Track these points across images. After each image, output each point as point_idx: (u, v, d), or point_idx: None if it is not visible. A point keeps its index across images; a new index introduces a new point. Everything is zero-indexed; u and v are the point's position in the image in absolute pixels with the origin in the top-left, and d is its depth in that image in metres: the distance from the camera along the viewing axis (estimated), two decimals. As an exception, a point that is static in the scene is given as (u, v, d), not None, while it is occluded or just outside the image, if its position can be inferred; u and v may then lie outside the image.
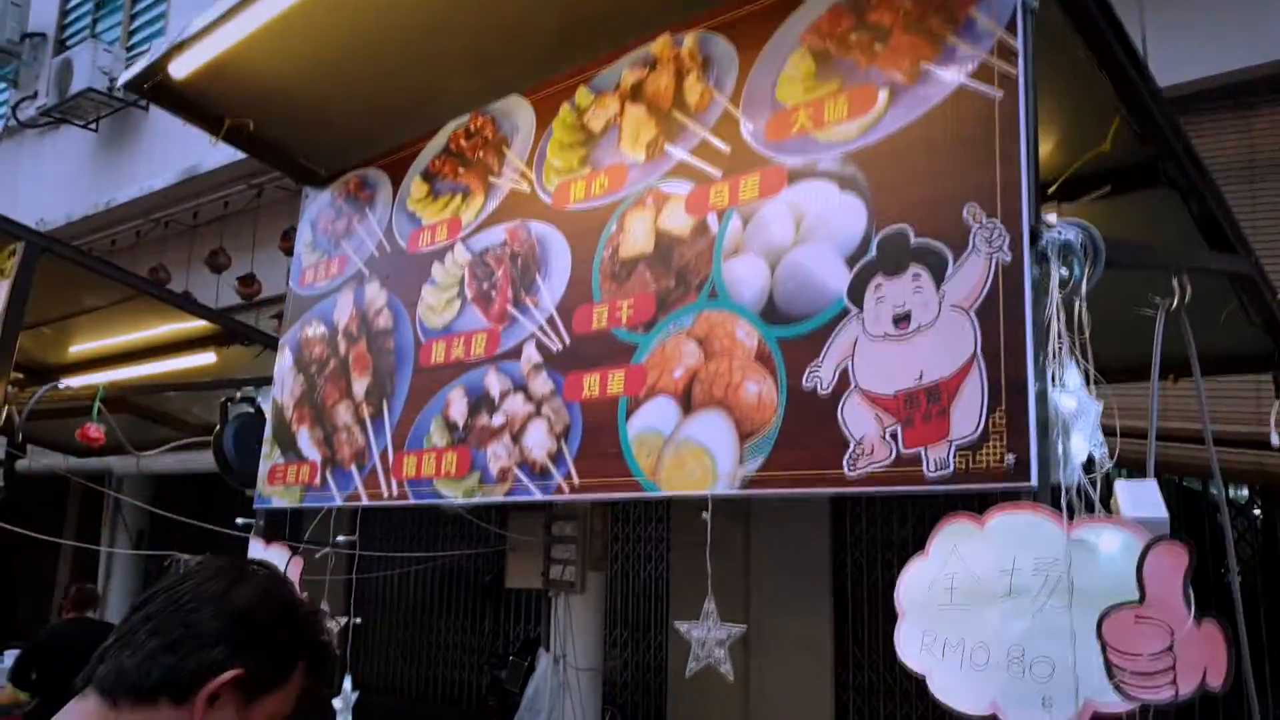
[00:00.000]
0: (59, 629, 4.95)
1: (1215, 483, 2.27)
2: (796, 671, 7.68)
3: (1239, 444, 3.96)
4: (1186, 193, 2.08)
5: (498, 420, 1.95)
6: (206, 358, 3.79)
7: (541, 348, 1.91)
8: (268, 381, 2.64)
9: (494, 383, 1.98)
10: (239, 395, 3.60)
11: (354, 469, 2.20)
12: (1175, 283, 1.90)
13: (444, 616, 10.29)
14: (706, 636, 1.75)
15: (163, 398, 4.51)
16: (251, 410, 3.50)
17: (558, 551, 6.65)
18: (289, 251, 2.85)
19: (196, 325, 3.78)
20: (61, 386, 3.44)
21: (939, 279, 1.42)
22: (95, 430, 3.18)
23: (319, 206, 2.59)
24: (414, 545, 8.90)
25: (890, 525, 7.62)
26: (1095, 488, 1.29)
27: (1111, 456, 1.33)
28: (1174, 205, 2.17)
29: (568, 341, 1.87)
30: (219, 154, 7.41)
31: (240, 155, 7.43)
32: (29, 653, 4.67)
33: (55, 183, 8.73)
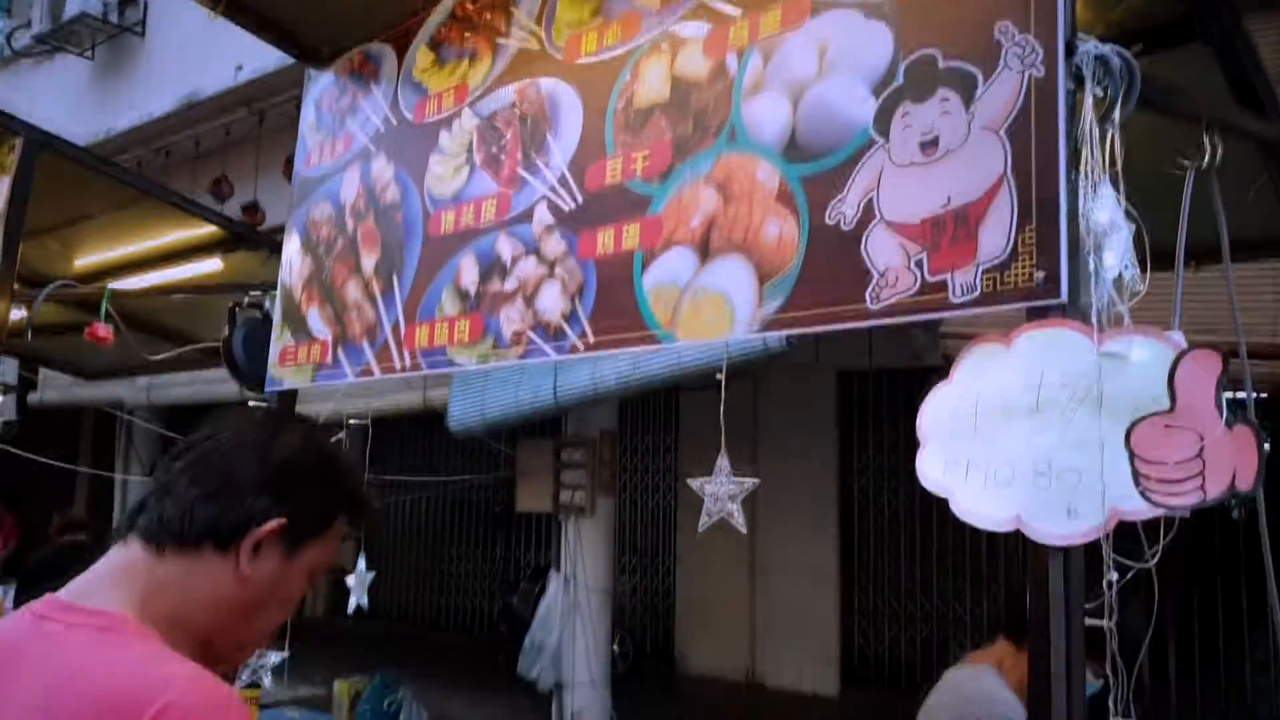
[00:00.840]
0: (49, 556, 5.00)
1: (1243, 378, 2.18)
2: (803, 596, 7.79)
3: (1254, 356, 3.93)
4: (1221, 48, 2.01)
5: (510, 285, 1.92)
6: (213, 265, 3.76)
7: (553, 208, 1.87)
8: (275, 287, 2.61)
9: (505, 247, 1.94)
10: (246, 301, 3.58)
11: (365, 344, 2.18)
12: (1206, 139, 1.84)
13: (456, 545, 10.46)
14: (719, 491, 1.74)
15: (169, 316, 4.50)
16: (259, 316, 3.48)
17: (567, 477, 6.71)
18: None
19: (201, 232, 3.74)
20: (69, 287, 3.42)
21: (968, 100, 1.37)
22: (104, 329, 3.16)
23: (321, 87, 2.53)
24: (426, 473, 8.99)
25: (898, 453, 7.66)
26: (1125, 304, 1.26)
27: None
28: (1208, 68, 2.09)
29: (580, 199, 1.83)
30: (218, 79, 7.30)
31: (240, 80, 7.30)
32: (24, 583, 4.72)
33: (53, 112, 8.60)
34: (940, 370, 1.37)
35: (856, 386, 7.78)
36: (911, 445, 1.38)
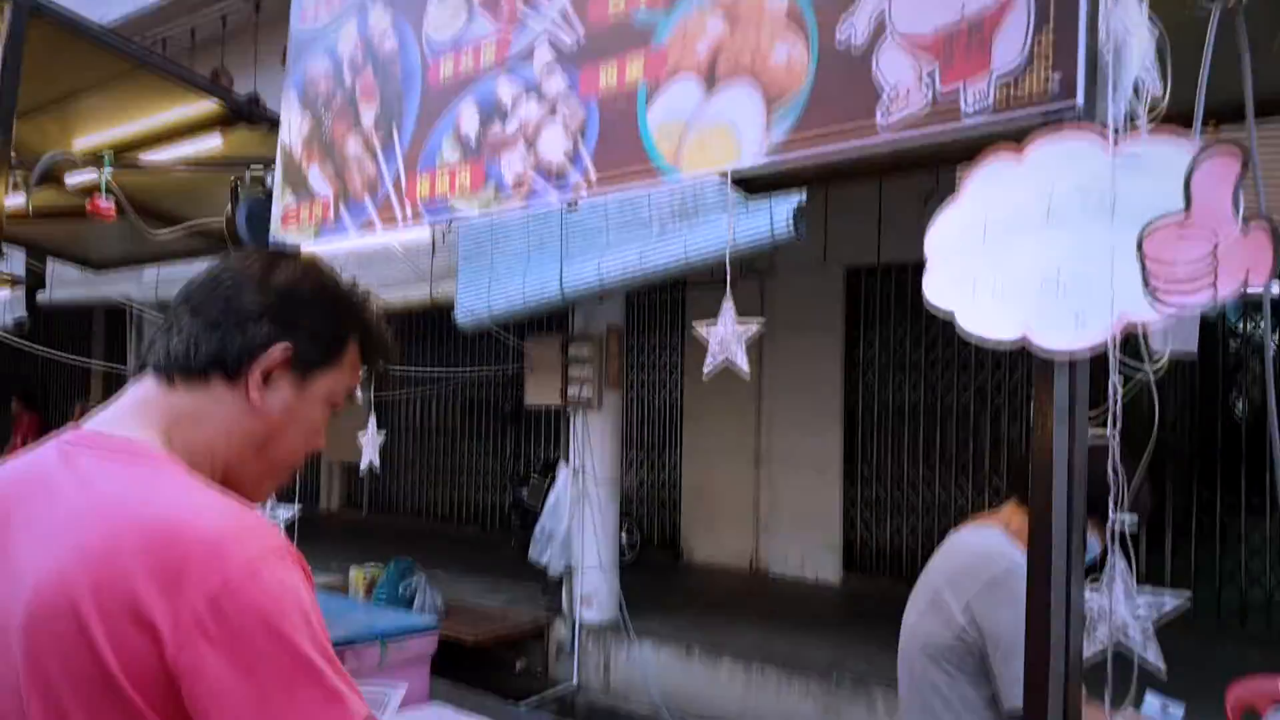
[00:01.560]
0: None
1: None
2: (806, 489, 7.93)
3: None
4: None
5: (511, 128, 1.87)
6: (212, 141, 3.69)
7: (554, 45, 1.81)
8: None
9: (505, 90, 1.89)
10: (249, 176, 3.53)
11: (367, 199, 2.15)
12: (1235, -29, 1.75)
13: (467, 441, 10.64)
14: (724, 333, 1.74)
15: (171, 200, 4.46)
16: (262, 194, 3.43)
17: (575, 371, 6.76)
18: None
19: (200, 110, 3.66)
20: (68, 159, 3.37)
21: (987, -98, 1.30)
22: (105, 203, 3.13)
23: (315, -64, 2.43)
24: (435, 367, 9.06)
25: (904, 348, 7.67)
26: (1144, 111, 1.22)
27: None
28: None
29: (582, 34, 1.77)
30: (211, -38, 7.06)
31: (233, -38, 7.04)
32: None
33: (44, 2, 8.34)
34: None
35: (865, 282, 7.74)
36: (918, 341, 1.36)
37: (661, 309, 8.87)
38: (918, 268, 1.30)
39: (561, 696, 6.37)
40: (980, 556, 2.04)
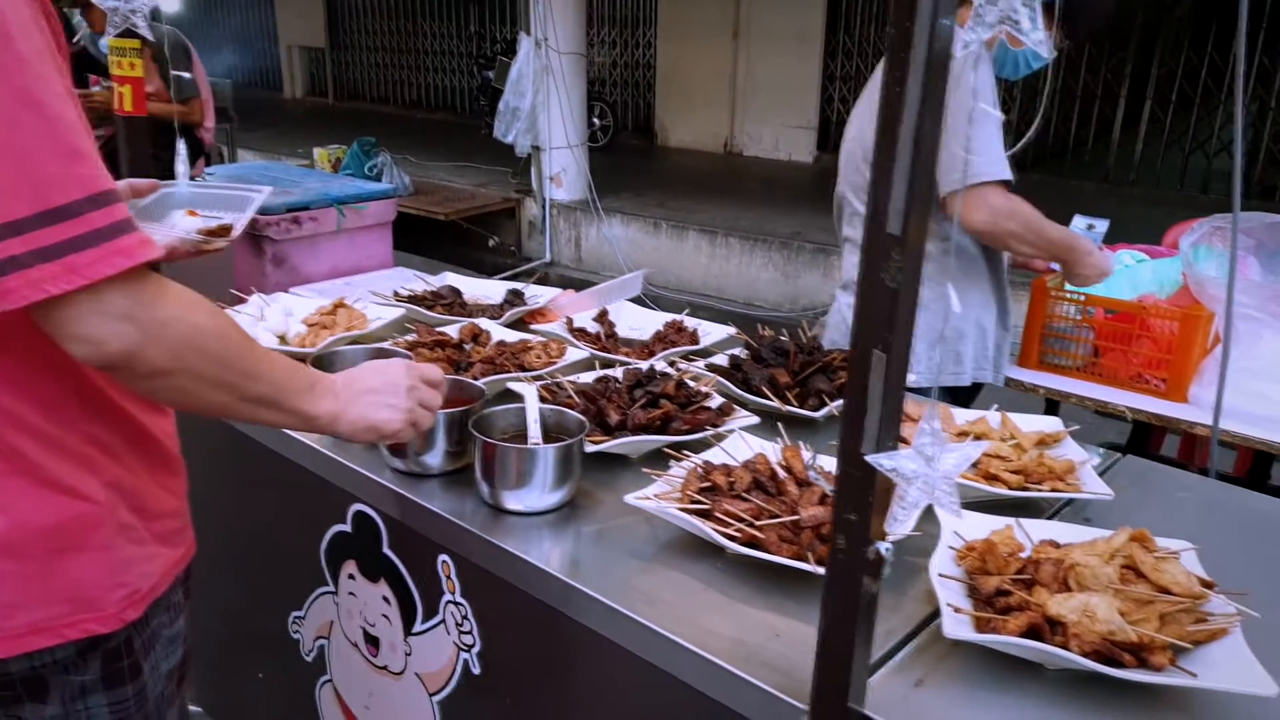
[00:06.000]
0: None
1: None
2: (785, 63, 7.58)
3: None
4: None
5: None
6: None
7: None
8: None
9: None
10: None
11: None
12: None
13: (429, 22, 9.98)
14: None
15: None
16: None
17: (531, -77, 6.06)
18: None
19: None
20: None
21: None
22: None
23: None
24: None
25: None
26: None
27: None
28: None
29: None
30: None
31: None
32: None
33: None
34: None
35: None
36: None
37: None
38: None
39: (534, 270, 6.67)
40: None
